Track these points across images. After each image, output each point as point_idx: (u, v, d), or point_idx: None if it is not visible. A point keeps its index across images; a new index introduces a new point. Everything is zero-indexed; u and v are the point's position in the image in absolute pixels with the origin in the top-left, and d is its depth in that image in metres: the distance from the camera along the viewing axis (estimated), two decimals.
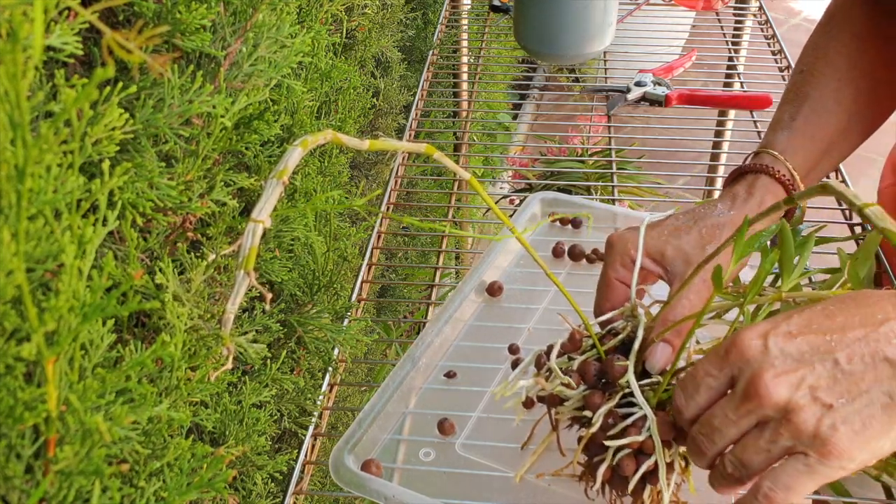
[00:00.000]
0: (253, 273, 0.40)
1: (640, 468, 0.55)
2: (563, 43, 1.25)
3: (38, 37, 0.29)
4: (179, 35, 0.50)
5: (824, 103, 0.72)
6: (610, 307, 0.63)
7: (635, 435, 0.54)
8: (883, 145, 0.96)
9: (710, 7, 1.59)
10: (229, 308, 0.42)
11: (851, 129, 0.73)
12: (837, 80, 0.73)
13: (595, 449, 0.57)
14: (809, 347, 0.47)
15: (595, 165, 1.82)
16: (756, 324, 0.49)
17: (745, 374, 0.48)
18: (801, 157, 0.69)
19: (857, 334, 0.47)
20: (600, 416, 0.55)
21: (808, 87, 0.73)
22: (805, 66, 0.76)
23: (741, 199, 0.66)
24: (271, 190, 0.41)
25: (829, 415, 0.46)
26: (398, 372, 0.72)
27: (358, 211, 1.19)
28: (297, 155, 0.42)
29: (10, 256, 0.33)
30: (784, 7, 3.69)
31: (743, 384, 0.48)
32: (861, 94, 0.73)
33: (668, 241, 0.62)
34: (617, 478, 0.56)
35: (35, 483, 0.39)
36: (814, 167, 0.71)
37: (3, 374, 0.36)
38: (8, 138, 0.31)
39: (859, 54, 0.74)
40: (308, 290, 0.74)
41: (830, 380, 0.46)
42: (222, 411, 0.61)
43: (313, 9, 0.71)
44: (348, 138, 0.44)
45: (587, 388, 0.58)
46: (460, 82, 1.59)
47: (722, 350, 0.49)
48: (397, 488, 0.62)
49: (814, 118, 0.71)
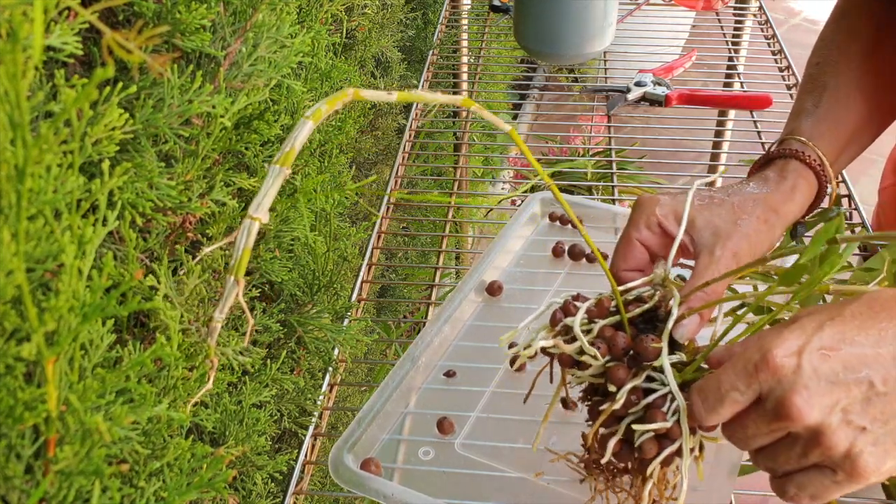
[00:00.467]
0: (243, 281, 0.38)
1: (662, 452, 0.52)
2: (563, 43, 1.25)
3: (38, 37, 0.29)
4: (179, 35, 0.50)
5: (847, 91, 0.71)
6: (626, 268, 0.61)
7: (661, 419, 0.52)
8: (883, 145, 0.96)
9: (710, 7, 1.59)
10: (217, 316, 0.40)
11: (873, 119, 0.72)
12: (855, 71, 0.72)
13: (606, 421, 0.54)
14: (844, 367, 0.45)
15: (595, 165, 1.82)
16: (786, 336, 0.46)
17: (776, 392, 0.46)
18: (826, 143, 0.68)
19: (893, 352, 0.45)
20: (625, 393, 0.52)
21: (827, 77, 0.72)
22: (821, 58, 0.74)
23: (773, 180, 0.64)
24: (273, 179, 0.38)
25: (861, 438, 0.45)
26: (397, 371, 0.72)
27: (358, 211, 1.19)
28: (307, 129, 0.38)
29: (10, 256, 0.33)
30: (784, 7, 3.69)
31: (774, 403, 0.46)
32: (881, 85, 0.72)
33: (699, 211, 0.60)
34: (625, 449, 0.54)
35: (35, 483, 0.39)
36: (839, 155, 0.69)
37: (3, 374, 0.36)
38: (8, 138, 0.31)
39: (875, 46, 0.73)
40: (308, 290, 0.74)
41: (864, 402, 0.45)
42: (222, 411, 0.61)
43: (313, 9, 0.71)
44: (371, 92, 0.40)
45: (611, 359, 0.54)
46: (460, 82, 1.59)
47: (751, 365, 0.47)
48: (396, 487, 0.62)
49: (837, 107, 0.70)
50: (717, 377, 0.48)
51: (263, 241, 0.66)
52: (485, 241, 1.24)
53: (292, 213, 0.67)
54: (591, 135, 1.95)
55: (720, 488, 0.62)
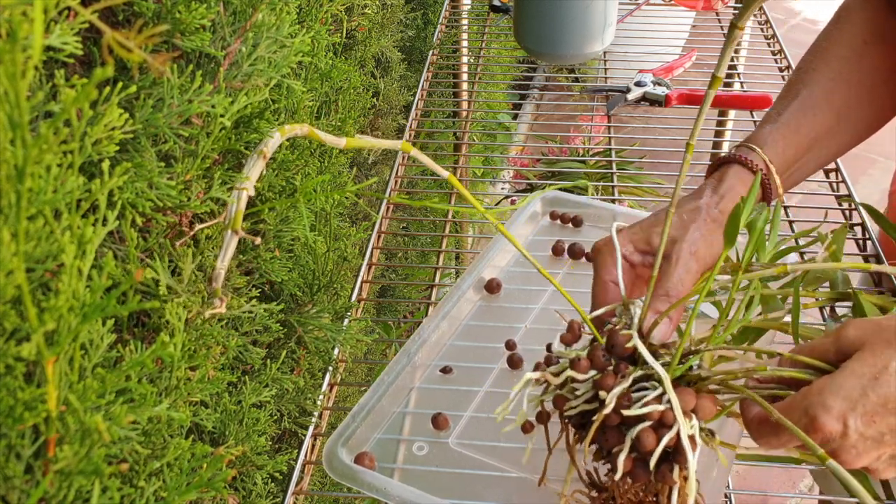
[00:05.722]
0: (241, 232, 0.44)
1: (661, 442, 0.52)
2: (563, 43, 1.25)
3: (38, 37, 0.29)
4: (179, 35, 0.50)
5: (813, 101, 0.73)
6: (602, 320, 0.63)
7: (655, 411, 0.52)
8: (883, 146, 0.96)
9: (710, 7, 1.59)
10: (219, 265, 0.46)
11: (841, 128, 0.74)
12: (830, 80, 0.74)
13: (612, 439, 0.54)
14: (889, 430, 0.49)
15: (595, 165, 1.82)
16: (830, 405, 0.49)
17: (826, 450, 0.49)
18: (780, 149, 0.70)
19: None
20: (614, 397, 0.53)
21: (800, 85, 0.74)
22: (803, 64, 0.77)
23: (712, 186, 0.68)
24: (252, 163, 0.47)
25: None
26: (393, 367, 0.72)
27: (358, 211, 1.19)
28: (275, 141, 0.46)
29: (10, 256, 0.33)
30: (784, 7, 3.69)
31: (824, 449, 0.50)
32: (854, 94, 0.74)
33: (651, 230, 0.65)
34: (640, 468, 0.53)
35: (35, 483, 0.39)
36: (795, 161, 0.72)
37: (3, 374, 0.36)
38: (8, 138, 0.31)
39: (858, 56, 0.74)
40: (308, 290, 0.74)
41: None
42: (222, 411, 0.61)
43: (313, 9, 0.71)
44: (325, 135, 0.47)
45: (597, 372, 0.55)
46: (460, 82, 1.59)
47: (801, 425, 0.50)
48: (389, 480, 0.62)
49: (799, 114, 0.72)
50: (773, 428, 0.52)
51: (263, 241, 0.66)
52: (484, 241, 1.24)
53: (292, 212, 0.67)
54: (591, 135, 1.95)
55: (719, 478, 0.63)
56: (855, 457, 0.49)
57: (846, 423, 0.49)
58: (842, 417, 0.49)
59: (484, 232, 1.73)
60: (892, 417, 0.49)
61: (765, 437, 0.53)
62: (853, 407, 0.49)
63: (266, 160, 0.44)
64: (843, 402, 0.49)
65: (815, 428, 0.49)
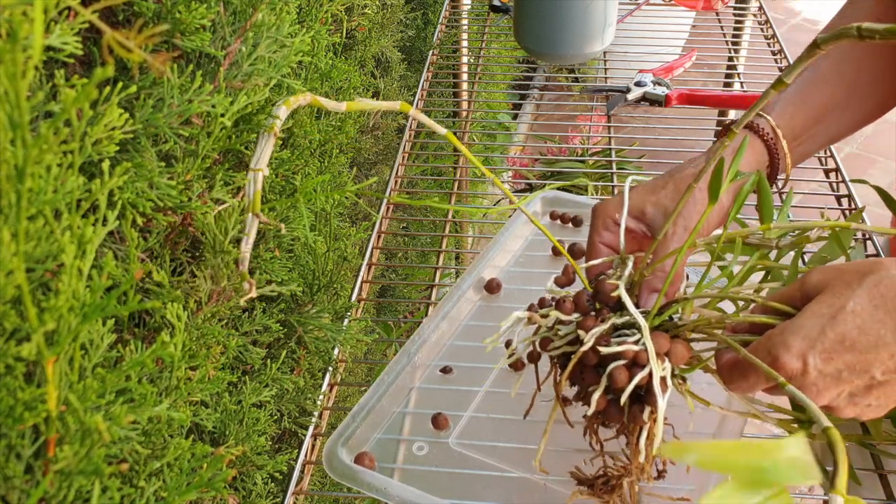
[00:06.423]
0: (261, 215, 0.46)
1: (633, 379, 0.54)
2: (563, 43, 1.25)
3: (38, 37, 0.29)
4: (179, 35, 0.50)
5: (823, 73, 0.73)
6: (597, 272, 0.64)
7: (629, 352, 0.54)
8: (883, 145, 0.96)
9: (710, 7, 1.59)
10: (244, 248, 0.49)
11: (851, 102, 0.74)
12: (841, 53, 0.73)
13: (589, 379, 0.57)
14: (846, 367, 0.50)
15: (595, 165, 1.82)
16: (790, 344, 0.50)
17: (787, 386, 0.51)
18: (788, 116, 0.70)
19: (892, 350, 0.49)
20: (593, 336, 0.55)
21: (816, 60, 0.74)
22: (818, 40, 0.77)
23: (714, 150, 0.68)
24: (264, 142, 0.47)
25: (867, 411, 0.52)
26: (393, 367, 0.72)
27: (358, 211, 1.19)
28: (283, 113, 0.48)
29: (10, 256, 0.33)
30: (784, 7, 3.69)
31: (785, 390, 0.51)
32: (865, 70, 0.74)
33: (646, 199, 0.65)
34: (613, 407, 0.56)
35: (35, 483, 0.39)
36: (804, 131, 0.72)
37: (3, 374, 0.36)
38: (8, 138, 0.31)
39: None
40: (308, 290, 0.74)
41: (866, 388, 0.51)
42: (222, 411, 0.61)
43: (313, 9, 0.71)
44: (326, 101, 0.49)
45: (580, 315, 0.58)
46: (460, 82, 1.59)
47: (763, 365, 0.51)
48: (389, 481, 0.62)
49: (811, 86, 0.72)
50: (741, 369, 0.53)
51: (263, 241, 0.66)
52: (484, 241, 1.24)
53: (292, 212, 0.67)
54: (591, 135, 1.95)
55: None
56: (816, 394, 0.50)
57: (805, 361, 0.50)
58: (801, 355, 0.50)
59: (484, 232, 1.73)
60: (848, 354, 0.49)
61: (735, 381, 0.54)
62: (812, 345, 0.50)
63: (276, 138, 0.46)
64: (803, 340, 0.50)
65: (778, 367, 0.50)
